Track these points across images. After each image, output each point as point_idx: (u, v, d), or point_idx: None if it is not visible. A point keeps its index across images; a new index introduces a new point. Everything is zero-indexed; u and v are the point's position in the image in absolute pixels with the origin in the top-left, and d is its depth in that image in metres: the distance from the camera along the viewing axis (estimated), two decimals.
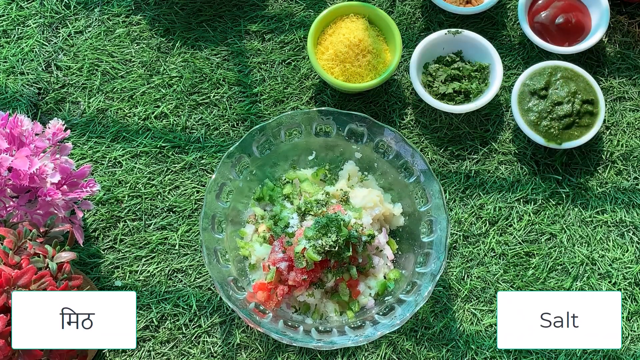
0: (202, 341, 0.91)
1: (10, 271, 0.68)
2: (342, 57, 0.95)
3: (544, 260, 0.95)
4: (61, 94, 1.00)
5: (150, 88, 1.01)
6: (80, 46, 1.02)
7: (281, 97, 1.01)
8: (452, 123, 1.00)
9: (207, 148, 0.98)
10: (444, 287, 0.93)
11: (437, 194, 0.83)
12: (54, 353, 0.71)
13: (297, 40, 1.04)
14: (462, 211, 0.97)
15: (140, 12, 1.04)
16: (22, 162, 0.75)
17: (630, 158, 1.00)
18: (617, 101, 1.02)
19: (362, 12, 0.98)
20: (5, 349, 0.66)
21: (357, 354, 0.90)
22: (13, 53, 1.02)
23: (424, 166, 0.84)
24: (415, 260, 0.86)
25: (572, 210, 0.97)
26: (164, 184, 0.97)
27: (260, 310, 0.82)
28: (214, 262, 0.81)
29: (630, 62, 1.04)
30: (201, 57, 1.02)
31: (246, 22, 1.04)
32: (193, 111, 1.00)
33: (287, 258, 0.82)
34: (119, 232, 0.94)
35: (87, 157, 0.97)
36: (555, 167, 0.99)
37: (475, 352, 0.91)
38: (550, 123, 0.95)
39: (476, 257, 0.95)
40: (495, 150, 1.00)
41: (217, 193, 0.85)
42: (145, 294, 0.92)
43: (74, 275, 0.74)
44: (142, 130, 0.99)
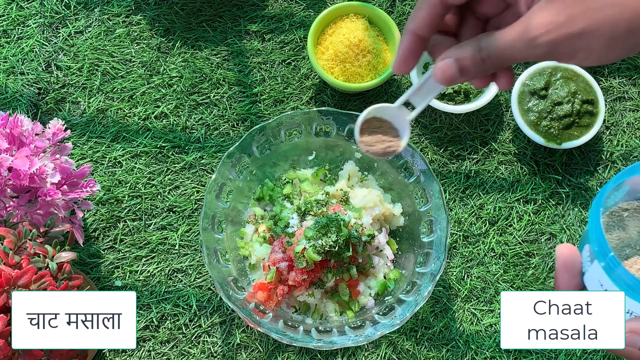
0: (202, 341, 0.91)
1: (10, 271, 0.68)
2: (342, 57, 0.95)
3: (544, 260, 0.95)
4: (61, 94, 1.00)
5: (150, 88, 1.01)
6: (80, 46, 1.02)
7: (281, 97, 1.01)
8: (452, 123, 1.00)
9: (207, 148, 0.98)
10: (444, 287, 0.93)
11: (437, 194, 0.83)
12: (54, 353, 0.71)
13: (297, 40, 1.04)
14: (462, 211, 0.97)
15: (140, 12, 1.04)
16: (22, 162, 0.75)
17: (630, 158, 1.00)
18: (617, 101, 1.02)
19: (362, 12, 0.98)
20: (5, 349, 0.66)
21: (357, 354, 0.90)
22: (13, 53, 1.02)
23: (424, 166, 0.84)
24: (415, 260, 0.86)
25: (572, 210, 0.97)
26: (164, 184, 0.97)
27: (260, 310, 0.82)
28: (214, 262, 0.81)
29: (630, 62, 1.04)
30: (201, 57, 1.02)
31: (246, 22, 1.04)
32: (193, 111, 1.00)
33: (287, 258, 0.82)
34: (119, 232, 0.94)
35: (87, 157, 0.97)
36: (555, 167, 0.99)
37: (475, 352, 0.91)
38: (550, 123, 0.95)
39: (476, 257, 0.95)
40: (495, 150, 1.00)
41: (217, 193, 0.85)
42: (145, 294, 0.92)
43: (74, 275, 0.74)
44: (142, 130, 0.99)
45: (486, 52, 0.48)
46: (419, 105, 0.56)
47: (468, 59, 0.49)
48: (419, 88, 0.55)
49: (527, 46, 0.45)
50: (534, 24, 0.45)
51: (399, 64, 0.52)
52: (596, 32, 0.43)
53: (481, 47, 0.48)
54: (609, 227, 0.49)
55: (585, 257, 0.49)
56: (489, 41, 0.47)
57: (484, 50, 0.48)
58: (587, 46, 0.44)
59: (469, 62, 0.49)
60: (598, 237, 0.45)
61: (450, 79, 0.50)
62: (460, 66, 0.49)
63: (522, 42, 0.45)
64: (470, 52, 0.48)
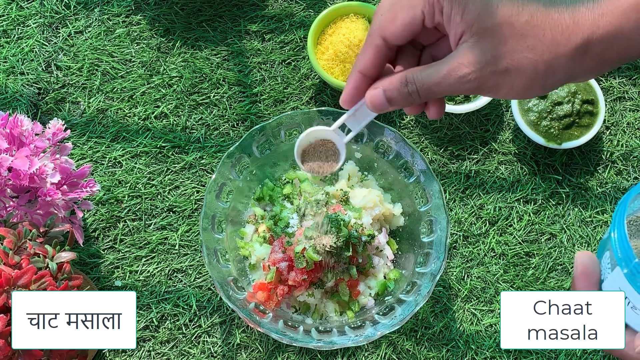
0: (202, 341, 0.91)
1: (10, 271, 0.68)
2: (342, 57, 0.95)
3: (544, 260, 0.95)
4: (61, 94, 1.00)
5: (150, 88, 1.01)
6: (80, 46, 1.02)
7: (281, 97, 1.01)
8: (452, 123, 1.00)
9: (207, 148, 0.98)
10: (444, 287, 0.93)
11: (437, 194, 0.83)
12: (54, 353, 0.71)
13: (297, 40, 1.04)
14: (462, 211, 0.97)
15: (140, 12, 1.04)
16: (22, 162, 0.75)
17: (630, 158, 1.00)
18: (617, 101, 1.02)
19: (362, 12, 0.98)
20: (5, 349, 0.66)
21: (357, 354, 0.90)
22: (13, 53, 1.02)
23: (424, 166, 0.84)
24: (415, 260, 0.86)
25: (572, 210, 0.97)
26: (164, 184, 0.97)
27: (260, 310, 0.82)
28: (214, 262, 0.81)
29: (630, 62, 1.04)
30: (201, 57, 1.02)
31: (246, 22, 1.04)
32: (193, 111, 1.00)
33: (287, 258, 0.82)
34: (119, 232, 0.94)
35: (87, 157, 0.97)
36: (555, 167, 0.99)
37: (475, 352, 0.91)
38: (550, 123, 0.95)
39: (476, 257, 0.95)
40: (495, 150, 1.00)
41: (217, 193, 0.85)
42: (145, 294, 0.92)
43: (74, 275, 0.74)
44: (142, 130, 0.99)
45: (414, 86, 0.53)
46: (354, 129, 0.61)
47: (395, 90, 0.53)
48: (353, 113, 0.59)
49: (458, 82, 0.50)
50: (464, 62, 0.49)
51: (346, 100, 0.57)
52: (518, 71, 0.48)
53: (408, 80, 0.52)
54: (629, 235, 0.49)
55: (605, 264, 0.49)
56: (419, 76, 0.52)
57: (411, 84, 0.52)
58: (510, 83, 0.49)
59: (397, 94, 0.53)
60: (622, 243, 0.45)
61: (379, 107, 0.55)
62: (388, 97, 0.54)
63: (453, 79, 0.50)
64: (398, 85, 0.53)
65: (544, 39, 0.47)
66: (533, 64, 0.48)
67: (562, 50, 0.47)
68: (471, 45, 0.49)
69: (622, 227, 0.45)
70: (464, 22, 0.49)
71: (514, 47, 0.48)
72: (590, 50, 0.47)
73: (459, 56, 0.49)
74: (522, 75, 0.48)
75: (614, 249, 0.46)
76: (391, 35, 0.53)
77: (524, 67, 0.48)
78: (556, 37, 0.47)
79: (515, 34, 0.47)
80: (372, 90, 0.55)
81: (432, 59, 0.56)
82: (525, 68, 0.48)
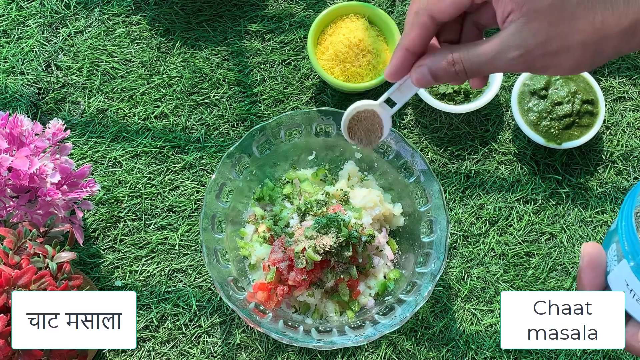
0: (202, 341, 0.91)
1: (10, 271, 0.68)
2: (342, 57, 0.95)
3: (544, 260, 0.95)
4: (61, 94, 1.00)
5: (150, 88, 1.01)
6: (80, 46, 1.02)
7: (281, 97, 1.01)
8: (452, 123, 1.00)
9: (207, 148, 0.98)
10: (444, 287, 0.93)
11: (437, 194, 0.83)
12: (54, 353, 0.71)
13: (297, 40, 1.04)
14: (462, 211, 0.97)
15: (140, 12, 1.04)
16: (22, 162, 0.75)
17: (630, 158, 1.00)
18: (617, 101, 1.02)
19: (362, 12, 0.98)
20: (5, 349, 0.66)
21: (357, 354, 0.90)
22: (13, 53, 1.02)
23: (424, 166, 0.84)
24: (415, 260, 0.86)
25: (572, 210, 0.97)
26: (164, 184, 0.97)
27: (260, 310, 0.82)
28: (214, 262, 0.81)
29: (630, 62, 1.04)
30: (201, 57, 1.02)
31: (246, 22, 1.04)
32: (193, 111, 1.00)
33: (287, 258, 0.82)
34: (119, 232, 0.94)
35: (87, 157, 0.97)
36: (555, 167, 0.99)
37: (475, 352, 0.91)
38: (550, 123, 0.95)
39: (476, 257, 0.95)
40: (495, 150, 1.00)
41: (217, 193, 0.85)
42: (145, 294, 0.92)
43: (74, 275, 0.74)
44: (142, 130, 0.99)
45: (461, 65, 0.53)
46: (399, 102, 0.63)
47: (441, 69, 0.54)
48: (398, 87, 0.61)
49: (506, 64, 0.50)
50: (513, 44, 0.49)
51: (391, 74, 0.58)
52: (568, 52, 0.49)
53: (455, 60, 0.53)
54: (637, 228, 0.49)
55: (612, 256, 0.48)
56: (466, 55, 0.53)
57: (458, 64, 0.53)
58: (558, 63, 0.50)
59: (442, 73, 0.54)
60: (630, 236, 0.45)
61: (424, 84, 0.56)
62: (434, 75, 0.55)
63: (502, 61, 0.51)
64: (444, 64, 0.54)
65: (595, 20, 0.47)
66: (583, 46, 0.48)
67: (612, 31, 0.47)
68: (520, 26, 0.49)
69: (630, 219, 0.45)
70: (514, 0, 0.49)
71: (564, 29, 0.47)
72: (639, 30, 0.47)
73: (508, 37, 0.49)
74: (571, 57, 0.49)
75: (621, 242, 0.46)
76: (439, 13, 0.53)
77: (573, 48, 0.48)
78: (607, 18, 0.47)
79: (565, 16, 0.47)
80: (417, 67, 0.56)
81: (475, 26, 0.57)
82: (575, 49, 0.48)
